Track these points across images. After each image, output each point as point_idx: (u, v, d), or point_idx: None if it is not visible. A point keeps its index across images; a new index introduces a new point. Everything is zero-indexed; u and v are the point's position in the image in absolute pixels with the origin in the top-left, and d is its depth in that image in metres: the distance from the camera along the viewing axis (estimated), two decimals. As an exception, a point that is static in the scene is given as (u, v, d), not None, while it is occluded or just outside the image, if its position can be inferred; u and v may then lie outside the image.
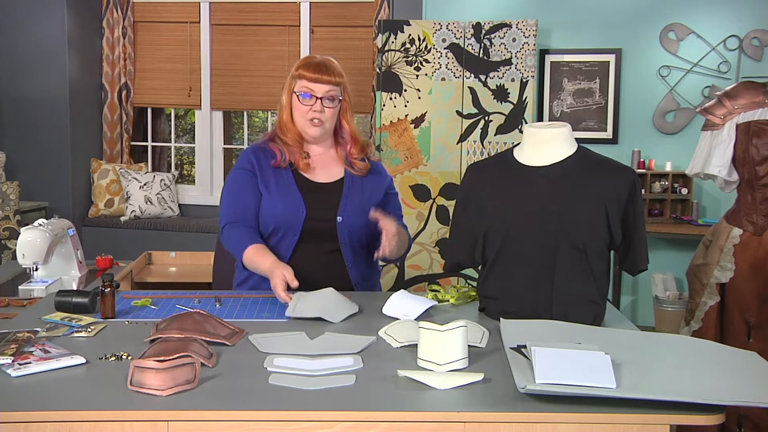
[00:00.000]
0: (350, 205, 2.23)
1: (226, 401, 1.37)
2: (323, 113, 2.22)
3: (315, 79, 2.20)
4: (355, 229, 2.23)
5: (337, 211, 2.22)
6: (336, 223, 2.21)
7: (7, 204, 4.39)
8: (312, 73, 2.20)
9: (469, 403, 1.38)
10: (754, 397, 1.37)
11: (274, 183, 2.23)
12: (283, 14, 5.12)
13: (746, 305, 2.60)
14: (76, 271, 2.65)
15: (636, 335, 1.75)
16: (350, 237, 2.23)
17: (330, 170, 2.30)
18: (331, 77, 2.21)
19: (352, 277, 2.25)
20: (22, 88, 5.05)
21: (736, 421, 2.57)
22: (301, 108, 2.23)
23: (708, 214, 4.53)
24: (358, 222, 2.22)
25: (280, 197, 2.21)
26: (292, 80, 2.25)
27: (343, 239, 2.22)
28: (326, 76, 2.20)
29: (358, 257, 2.27)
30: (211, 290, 2.36)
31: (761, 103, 2.60)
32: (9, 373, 1.48)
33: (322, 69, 2.21)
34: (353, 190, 2.26)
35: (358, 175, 2.30)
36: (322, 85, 2.20)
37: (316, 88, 2.20)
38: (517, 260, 1.89)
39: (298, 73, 2.23)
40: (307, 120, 2.23)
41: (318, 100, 2.20)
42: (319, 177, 2.27)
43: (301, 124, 2.25)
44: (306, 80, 2.21)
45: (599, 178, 1.88)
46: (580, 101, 4.62)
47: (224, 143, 5.44)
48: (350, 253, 2.24)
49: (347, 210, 2.23)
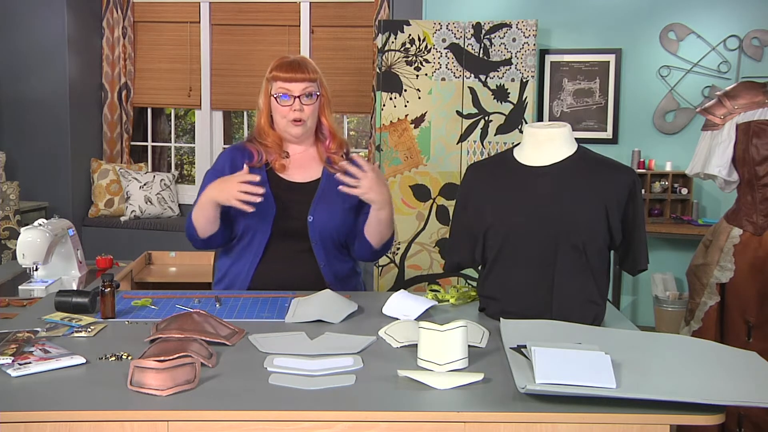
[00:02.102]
0: (323, 204, 2.23)
1: (226, 401, 1.37)
2: (303, 111, 2.21)
3: (290, 78, 2.19)
4: (327, 228, 2.23)
5: (309, 210, 2.22)
6: (307, 222, 2.21)
7: (7, 204, 4.39)
8: (286, 73, 2.19)
9: (469, 403, 1.38)
10: (754, 397, 1.37)
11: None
12: (283, 14, 5.12)
13: (746, 305, 2.60)
14: (76, 271, 2.65)
15: (636, 335, 1.75)
16: (322, 236, 2.22)
17: (308, 170, 2.29)
18: (306, 74, 2.20)
19: (325, 276, 2.24)
20: (22, 88, 5.05)
21: (736, 421, 2.57)
22: (281, 109, 2.22)
23: (708, 214, 4.53)
24: (331, 222, 2.23)
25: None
26: (268, 83, 2.24)
27: (314, 239, 2.22)
28: (300, 74, 2.19)
29: (332, 257, 2.26)
30: (211, 290, 2.36)
31: (761, 103, 2.60)
32: (9, 373, 1.48)
33: (295, 67, 2.20)
34: (328, 190, 2.25)
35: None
36: (298, 84, 2.19)
37: (292, 87, 2.19)
38: (517, 260, 1.89)
39: (272, 75, 2.22)
40: (288, 120, 2.22)
41: (296, 99, 2.20)
42: (295, 177, 2.27)
43: (283, 125, 2.24)
44: (281, 81, 2.20)
45: (599, 178, 1.88)
46: (580, 101, 4.62)
47: (224, 143, 5.44)
48: (322, 253, 2.23)
49: (319, 210, 2.22)
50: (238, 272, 2.26)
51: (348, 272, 2.33)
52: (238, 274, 2.26)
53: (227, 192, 2.05)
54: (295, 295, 2.14)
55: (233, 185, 2.04)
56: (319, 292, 2.01)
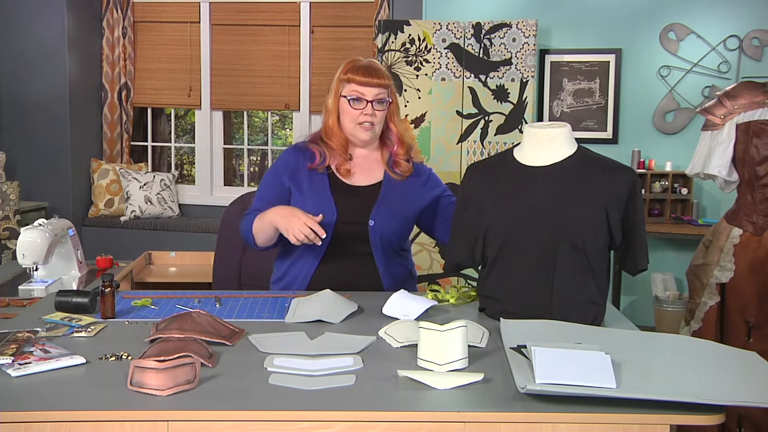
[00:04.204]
0: (384, 209, 2.23)
1: (226, 401, 1.37)
2: (374, 116, 2.21)
3: (365, 82, 2.18)
4: (388, 233, 2.23)
5: (370, 214, 2.22)
6: (368, 226, 2.21)
7: (7, 204, 4.39)
8: (362, 77, 2.18)
9: (469, 403, 1.38)
10: (754, 397, 1.37)
11: (308, 185, 2.23)
12: (283, 14, 5.12)
13: (746, 305, 2.60)
14: (76, 271, 2.65)
15: (636, 335, 1.75)
16: (382, 241, 2.23)
17: (370, 173, 2.29)
18: (381, 80, 2.20)
19: (384, 281, 2.25)
20: (22, 88, 5.05)
21: (736, 421, 2.57)
22: (352, 112, 2.21)
23: (708, 214, 4.53)
24: (392, 227, 2.23)
25: (311, 199, 2.21)
26: (340, 84, 2.23)
27: (375, 243, 2.21)
28: (376, 79, 2.19)
29: (391, 261, 2.27)
30: (211, 290, 2.36)
31: (761, 103, 2.60)
32: (9, 373, 1.48)
33: (371, 72, 2.20)
34: (390, 194, 2.25)
35: (399, 179, 2.28)
36: (372, 89, 2.19)
37: (366, 91, 2.19)
38: (517, 260, 1.89)
39: (346, 77, 2.21)
40: (357, 124, 2.22)
41: (369, 104, 2.20)
42: (357, 180, 2.27)
43: (351, 128, 2.23)
44: (356, 84, 2.19)
45: (599, 178, 1.88)
46: (580, 101, 4.62)
47: (224, 143, 5.44)
48: (382, 257, 2.24)
49: (380, 214, 2.22)
50: (297, 273, 2.26)
51: (405, 275, 2.34)
52: (297, 275, 2.26)
53: (291, 226, 2.05)
54: (295, 295, 2.14)
55: (299, 223, 2.04)
56: (319, 292, 2.00)
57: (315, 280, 2.23)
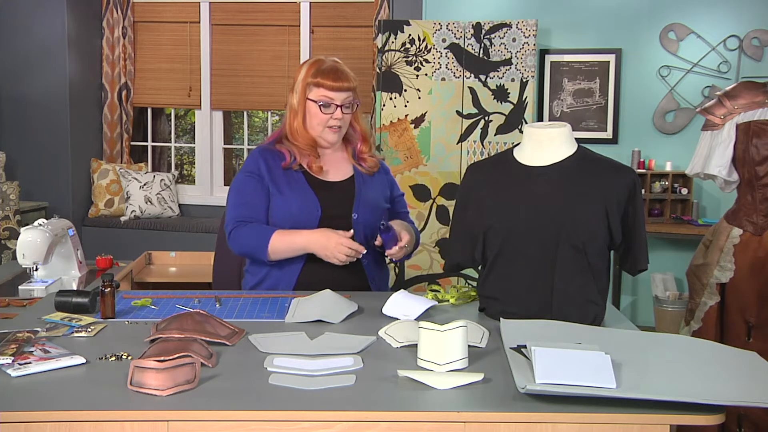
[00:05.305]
0: (364, 201, 2.26)
1: (226, 401, 1.37)
2: (343, 120, 2.23)
3: (336, 87, 2.19)
4: (369, 225, 2.25)
5: (352, 207, 2.23)
6: (351, 219, 2.22)
7: (7, 204, 4.39)
8: (332, 81, 2.18)
9: (469, 403, 1.38)
10: (754, 397, 1.37)
11: (286, 183, 2.23)
12: (283, 14, 5.12)
13: (746, 305, 2.60)
14: (76, 271, 2.65)
15: (636, 335, 1.75)
16: (365, 234, 2.24)
17: (340, 169, 2.31)
18: (350, 83, 2.21)
19: (368, 274, 2.27)
20: (22, 88, 5.05)
21: (736, 421, 2.57)
22: (321, 116, 2.22)
23: (708, 214, 4.53)
24: (372, 219, 2.24)
25: (294, 197, 2.21)
26: (307, 87, 2.22)
27: (359, 236, 2.22)
28: (345, 83, 2.20)
29: (370, 255, 2.27)
30: (211, 290, 2.35)
31: (761, 103, 2.60)
32: (9, 373, 1.48)
33: (340, 76, 2.20)
34: (365, 187, 2.29)
35: (367, 173, 2.32)
36: (342, 93, 2.20)
37: (335, 96, 2.19)
38: (517, 260, 1.89)
39: (315, 80, 2.20)
40: (326, 127, 2.23)
41: (338, 108, 2.21)
42: (330, 176, 2.28)
43: (319, 130, 2.24)
44: (325, 89, 2.19)
45: (599, 178, 1.88)
46: (580, 101, 4.62)
47: (224, 143, 5.44)
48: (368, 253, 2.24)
49: (361, 207, 2.25)
50: (282, 273, 2.25)
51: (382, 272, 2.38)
52: (282, 275, 2.25)
53: (330, 251, 2.10)
54: (295, 295, 2.14)
55: (337, 246, 2.09)
56: (319, 292, 2.01)
57: (302, 277, 2.22)
